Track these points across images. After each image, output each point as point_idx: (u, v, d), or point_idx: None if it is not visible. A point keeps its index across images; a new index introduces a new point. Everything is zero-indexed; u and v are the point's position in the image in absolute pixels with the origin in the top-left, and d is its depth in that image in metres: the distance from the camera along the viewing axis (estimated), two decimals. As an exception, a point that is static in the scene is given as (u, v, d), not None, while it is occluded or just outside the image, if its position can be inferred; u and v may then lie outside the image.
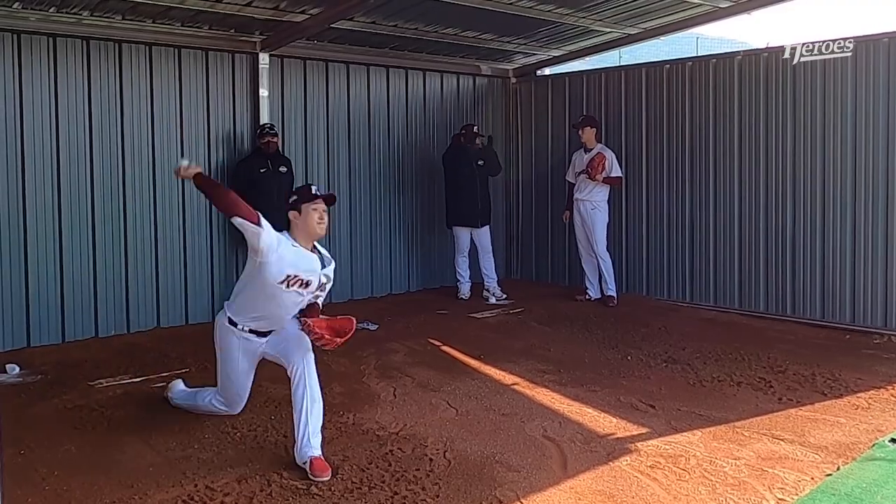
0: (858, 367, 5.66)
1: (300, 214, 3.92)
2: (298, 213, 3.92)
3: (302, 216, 3.92)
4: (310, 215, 3.91)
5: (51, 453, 4.17)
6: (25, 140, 6.35)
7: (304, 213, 3.91)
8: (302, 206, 3.91)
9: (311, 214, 3.91)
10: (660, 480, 3.78)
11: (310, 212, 3.91)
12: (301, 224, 3.93)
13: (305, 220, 3.91)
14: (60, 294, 6.55)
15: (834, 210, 6.93)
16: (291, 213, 3.94)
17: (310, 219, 3.91)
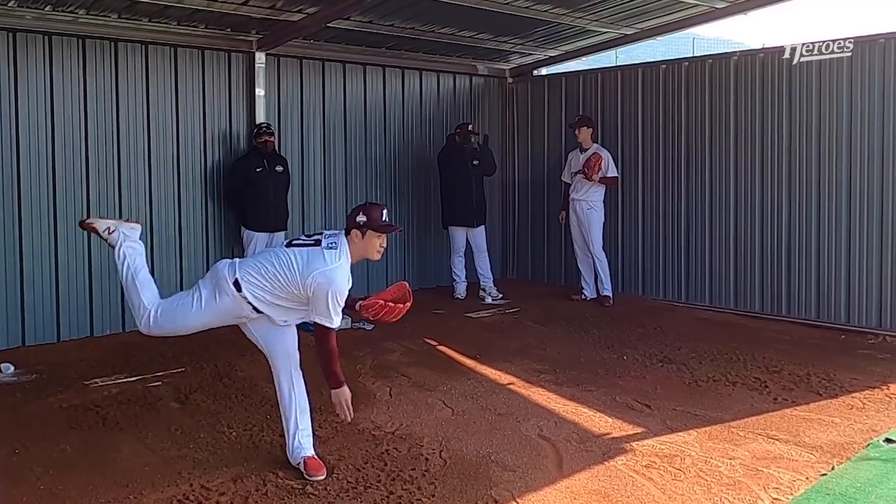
0: (853, 367, 5.68)
1: (362, 238, 3.74)
2: (361, 236, 3.74)
3: (365, 240, 3.74)
4: (372, 242, 3.75)
5: (46, 453, 4.16)
6: (21, 138, 6.33)
7: (367, 237, 3.74)
8: (368, 231, 3.73)
9: (373, 242, 3.75)
10: (655, 480, 3.79)
11: (373, 239, 3.75)
12: (359, 246, 3.75)
13: (366, 246, 3.75)
14: (56, 293, 6.54)
15: (829, 210, 6.95)
16: (354, 231, 3.74)
17: (371, 246, 3.75)
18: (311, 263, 3.64)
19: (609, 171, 8.07)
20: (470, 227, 8.38)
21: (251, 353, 6.13)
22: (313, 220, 8.00)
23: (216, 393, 5.20)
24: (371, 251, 3.76)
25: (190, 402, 5.04)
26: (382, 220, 3.76)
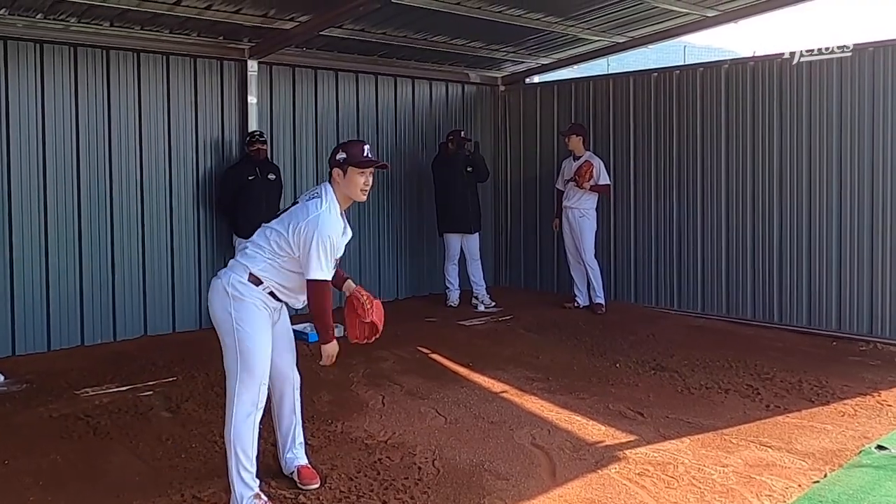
0: (845, 374, 5.70)
1: (344, 176, 3.54)
2: (343, 174, 3.53)
3: (346, 179, 3.53)
4: (354, 180, 3.53)
5: (36, 463, 4.13)
6: (11, 147, 6.30)
7: (349, 175, 3.53)
8: (349, 168, 3.53)
9: (355, 179, 3.53)
10: (648, 488, 3.79)
11: (355, 176, 3.53)
12: (343, 186, 3.55)
13: (349, 185, 3.54)
14: (46, 302, 6.50)
15: (820, 218, 6.98)
16: (335, 170, 3.55)
17: (353, 184, 3.54)
18: (295, 219, 3.50)
19: (601, 179, 8.09)
20: (466, 234, 8.38)
21: (243, 361, 6.13)
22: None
23: (208, 402, 5.17)
24: (354, 190, 3.56)
25: (181, 411, 5.01)
26: (363, 155, 3.55)
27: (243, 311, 3.49)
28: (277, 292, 3.59)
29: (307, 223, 3.44)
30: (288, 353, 3.82)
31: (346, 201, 3.62)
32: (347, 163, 3.53)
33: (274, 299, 3.59)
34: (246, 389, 3.50)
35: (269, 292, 3.56)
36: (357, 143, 3.64)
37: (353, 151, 3.56)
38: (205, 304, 7.32)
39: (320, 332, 3.58)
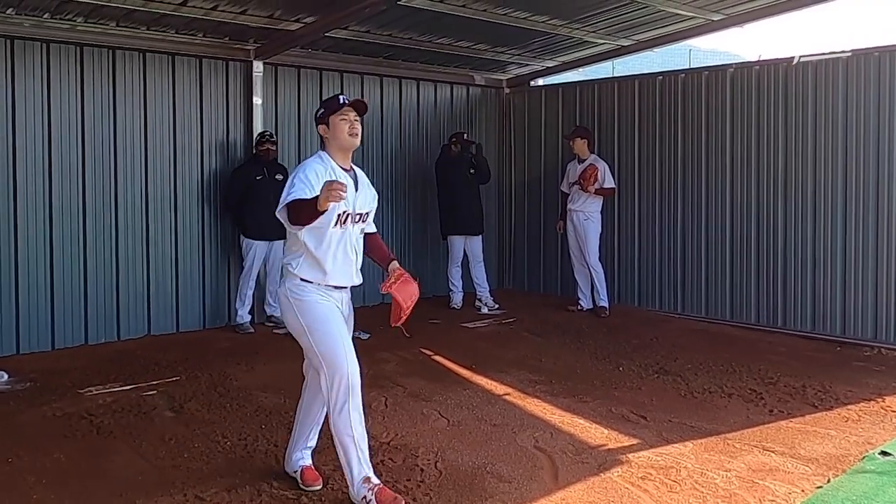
0: (849, 380, 5.68)
1: (329, 128, 3.59)
2: (327, 127, 3.59)
3: (331, 129, 3.58)
4: (338, 126, 3.56)
5: (39, 461, 4.14)
6: (18, 146, 6.33)
7: (332, 125, 3.57)
8: (329, 118, 3.58)
9: (339, 126, 3.56)
10: (651, 492, 3.78)
11: (338, 123, 3.56)
12: (332, 139, 3.60)
13: (336, 135, 3.57)
14: (50, 301, 6.52)
15: (825, 222, 6.97)
16: (320, 127, 3.62)
17: (339, 130, 3.56)
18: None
19: (606, 183, 8.08)
20: (470, 236, 8.38)
21: (246, 362, 6.16)
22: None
23: (211, 402, 5.18)
24: (342, 137, 3.57)
25: (184, 411, 5.02)
26: (339, 102, 3.59)
27: (308, 311, 3.54)
28: (325, 279, 3.55)
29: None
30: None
31: (341, 155, 3.63)
32: (327, 114, 3.59)
33: (333, 290, 3.60)
34: (334, 384, 3.54)
35: (324, 286, 3.56)
36: (333, 96, 3.70)
37: (329, 102, 3.64)
38: (208, 303, 7.44)
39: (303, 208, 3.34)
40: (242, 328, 7.25)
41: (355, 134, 3.58)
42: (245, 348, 6.64)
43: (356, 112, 3.60)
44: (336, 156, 3.62)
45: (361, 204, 3.63)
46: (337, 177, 3.47)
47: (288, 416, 4.86)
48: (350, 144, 3.60)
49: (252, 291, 7.35)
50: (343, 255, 3.58)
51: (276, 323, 7.43)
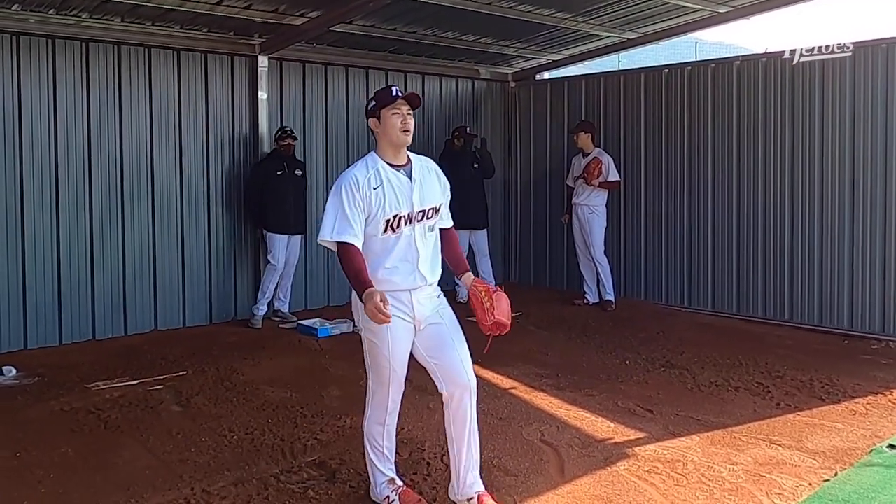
0: (856, 373, 5.66)
1: (380, 122, 3.34)
2: (378, 121, 3.34)
3: (382, 124, 3.33)
4: (390, 121, 3.30)
5: (47, 455, 4.16)
6: (24, 142, 6.34)
7: (383, 119, 3.31)
8: (381, 111, 3.33)
9: (391, 120, 3.30)
10: (657, 485, 3.78)
11: (390, 117, 3.30)
12: (382, 133, 3.35)
13: (387, 129, 3.32)
14: (58, 296, 6.54)
15: (832, 215, 6.93)
16: (371, 121, 3.38)
17: (391, 127, 3.30)
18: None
19: (610, 176, 8.06)
20: (474, 230, 8.37)
21: (253, 356, 6.17)
22: (314, 222, 8.00)
23: (218, 396, 5.20)
24: (393, 133, 3.31)
25: (191, 405, 5.03)
26: (392, 94, 3.34)
27: (367, 318, 3.26)
28: (390, 282, 3.29)
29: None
30: (450, 351, 3.40)
31: (392, 152, 3.37)
32: (378, 107, 3.35)
33: (398, 293, 3.31)
34: (374, 394, 3.52)
35: (390, 291, 3.23)
36: (385, 87, 3.45)
37: (381, 94, 3.39)
38: (215, 298, 7.45)
39: (348, 272, 3.20)
40: (253, 322, 7.26)
41: (407, 130, 3.33)
42: (252, 343, 6.66)
43: (409, 105, 3.36)
44: (386, 152, 3.37)
45: (420, 200, 3.36)
46: (382, 179, 3.28)
47: (294, 411, 4.89)
48: (401, 141, 3.34)
49: (274, 285, 7.36)
50: (401, 258, 3.33)
51: (282, 317, 7.46)
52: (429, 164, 3.52)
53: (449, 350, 3.40)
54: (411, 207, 3.32)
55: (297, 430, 4.54)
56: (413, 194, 3.34)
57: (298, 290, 7.88)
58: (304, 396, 5.19)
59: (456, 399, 3.37)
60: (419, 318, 3.39)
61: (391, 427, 3.56)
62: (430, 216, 3.43)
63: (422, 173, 3.43)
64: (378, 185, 3.27)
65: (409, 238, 3.34)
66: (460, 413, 3.38)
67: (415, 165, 3.43)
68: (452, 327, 3.48)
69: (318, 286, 8.18)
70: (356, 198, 3.23)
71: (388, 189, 3.29)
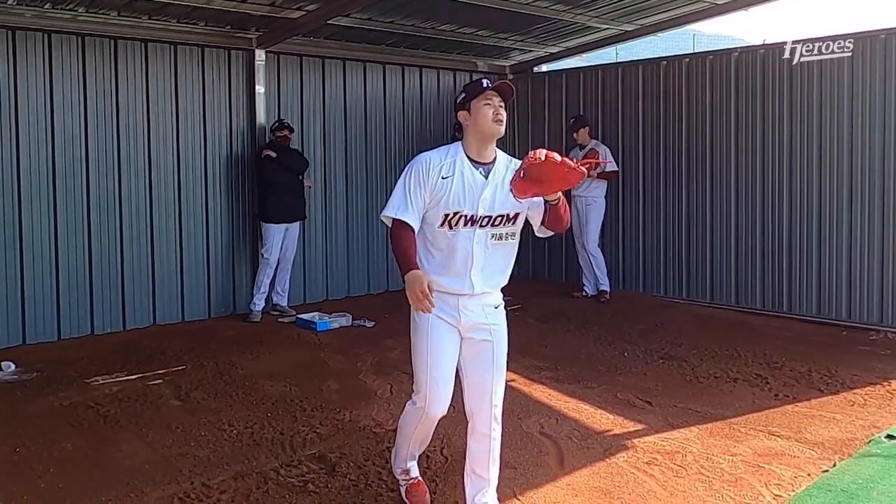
0: (854, 364, 5.67)
1: (470, 114, 3.17)
2: (468, 113, 3.18)
3: (473, 116, 3.16)
4: (481, 111, 3.13)
5: (47, 450, 4.16)
6: (21, 136, 6.32)
7: (474, 111, 3.16)
8: (471, 102, 3.17)
9: (482, 111, 3.13)
10: (656, 477, 3.79)
11: (481, 108, 3.14)
12: (472, 125, 3.17)
13: (478, 120, 3.14)
14: (56, 291, 6.53)
15: (830, 206, 6.94)
16: (461, 114, 3.21)
17: (481, 116, 3.13)
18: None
19: (608, 166, 8.06)
20: None
21: (251, 350, 6.18)
22: (313, 216, 8.00)
23: (217, 391, 5.20)
24: (486, 123, 3.13)
25: (191, 399, 5.03)
26: (483, 86, 3.19)
27: (414, 321, 3.26)
28: (436, 283, 3.10)
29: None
30: (484, 373, 3.26)
31: (482, 143, 3.18)
32: (468, 98, 3.19)
33: (445, 295, 3.16)
34: (413, 398, 3.40)
35: (436, 286, 3.08)
36: (477, 80, 3.35)
37: (471, 87, 3.24)
38: (213, 292, 7.45)
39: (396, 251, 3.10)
40: (252, 317, 7.25)
41: (499, 121, 3.14)
42: (250, 337, 6.65)
43: (501, 97, 3.18)
44: (472, 147, 3.19)
45: (490, 205, 3.12)
46: (456, 171, 3.12)
47: (294, 404, 4.89)
48: (494, 132, 3.15)
49: (269, 279, 7.36)
50: (453, 260, 3.15)
51: (281, 311, 7.46)
52: (513, 167, 3.18)
53: (484, 372, 3.25)
54: (475, 209, 3.11)
55: (296, 424, 4.55)
56: (482, 195, 3.11)
57: (297, 284, 7.88)
58: (304, 390, 5.19)
59: (476, 420, 3.28)
60: (465, 324, 3.22)
61: (421, 432, 3.44)
62: (500, 224, 3.16)
63: (502, 177, 3.15)
64: (449, 174, 3.13)
65: (468, 241, 3.14)
66: (478, 429, 3.29)
67: (498, 166, 3.19)
68: (498, 351, 3.28)
69: (317, 280, 8.19)
70: (422, 180, 3.11)
71: (458, 182, 3.12)
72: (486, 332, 3.24)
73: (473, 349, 3.26)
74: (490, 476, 3.33)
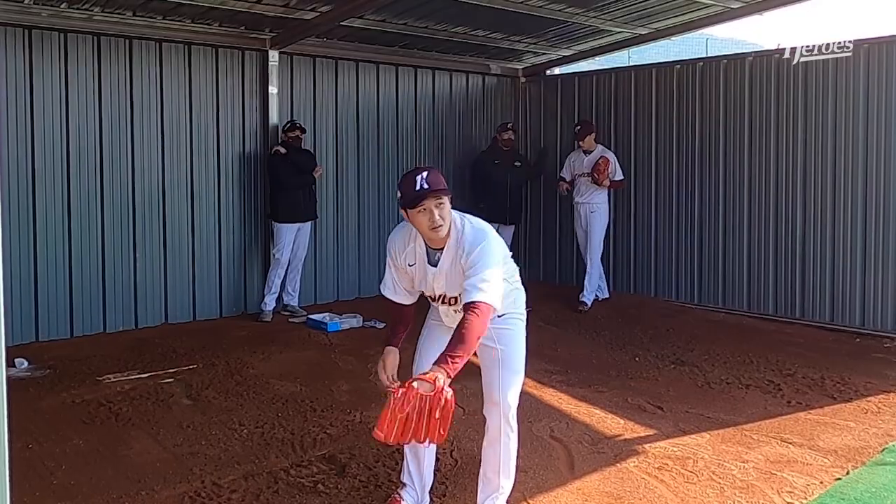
0: (868, 371, 5.63)
1: (408, 217, 3.04)
2: (406, 215, 3.05)
3: (411, 219, 3.04)
4: (417, 221, 3.00)
5: (59, 447, 4.18)
6: (36, 136, 6.36)
7: (411, 216, 3.02)
8: (408, 211, 3.01)
9: (417, 220, 3.00)
10: (667, 483, 3.77)
11: (416, 216, 2.99)
12: (415, 227, 3.08)
13: (417, 226, 3.05)
14: (69, 289, 6.57)
15: (844, 212, 6.89)
16: (402, 211, 3.07)
17: (420, 225, 3.02)
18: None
19: (616, 175, 8.00)
20: (502, 224, 8.54)
21: (262, 350, 6.19)
22: (324, 217, 8.01)
23: (228, 390, 5.21)
24: (423, 231, 3.03)
25: (202, 398, 5.05)
26: (415, 189, 2.94)
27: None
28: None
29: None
30: (492, 370, 3.28)
31: (428, 239, 3.11)
32: (404, 204, 3.02)
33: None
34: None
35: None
36: (410, 176, 3.02)
37: (405, 189, 2.99)
38: (225, 292, 7.47)
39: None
40: (263, 317, 7.27)
41: (437, 227, 2.97)
42: (261, 337, 6.67)
43: (437, 194, 2.96)
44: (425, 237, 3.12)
45: (443, 288, 3.16)
46: (420, 258, 3.15)
47: (304, 405, 4.90)
48: (432, 238, 3.03)
49: (280, 279, 7.39)
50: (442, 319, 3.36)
51: (292, 312, 7.47)
52: (465, 247, 3.02)
53: (490, 375, 3.29)
54: (433, 292, 3.24)
55: (306, 424, 4.56)
56: (434, 283, 3.18)
57: (308, 284, 7.90)
58: (314, 391, 5.20)
59: (488, 423, 3.32)
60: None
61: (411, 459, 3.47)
62: (454, 303, 3.19)
63: (450, 261, 3.08)
64: (413, 262, 3.20)
65: (443, 310, 3.32)
66: (490, 432, 3.31)
67: (447, 253, 3.08)
68: (505, 355, 3.27)
69: (328, 281, 8.20)
70: (397, 266, 3.25)
71: (420, 270, 3.19)
72: (490, 339, 3.22)
73: (482, 354, 3.29)
74: (501, 481, 3.33)
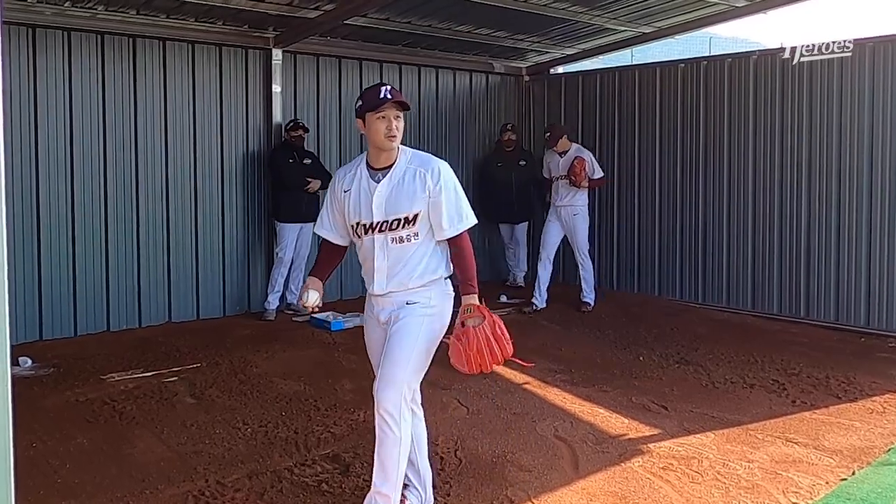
0: (873, 371, 5.61)
1: (365, 125, 3.15)
2: (363, 123, 3.16)
3: (367, 128, 3.14)
4: (375, 127, 3.11)
5: (63, 446, 4.18)
6: (39, 134, 6.37)
7: (368, 123, 3.13)
8: (366, 115, 3.12)
9: (375, 126, 3.10)
10: (672, 482, 3.76)
11: (374, 122, 3.10)
12: (369, 136, 3.16)
13: (371, 134, 3.13)
14: (73, 288, 6.57)
15: (849, 211, 6.86)
16: (357, 121, 3.19)
17: (375, 132, 3.11)
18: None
19: (595, 174, 7.85)
20: (514, 224, 8.94)
21: (266, 349, 6.19)
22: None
23: (231, 389, 5.21)
24: (378, 138, 3.11)
25: (205, 397, 5.05)
26: (380, 96, 3.09)
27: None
28: (370, 290, 3.29)
29: None
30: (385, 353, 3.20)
31: (377, 155, 3.19)
32: (364, 109, 3.13)
33: (373, 297, 3.30)
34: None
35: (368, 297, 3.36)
36: (374, 87, 3.18)
37: (368, 96, 3.15)
38: (228, 290, 7.47)
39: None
40: (266, 315, 7.27)
41: (392, 137, 3.11)
42: (265, 335, 6.67)
43: (399, 108, 3.13)
44: (371, 154, 3.22)
45: (384, 210, 3.15)
46: (359, 181, 3.19)
47: (308, 403, 4.90)
48: (385, 147, 3.14)
49: (283, 278, 7.39)
50: (371, 262, 3.21)
51: (295, 310, 7.47)
52: (422, 168, 3.17)
53: (382, 358, 3.21)
54: (371, 217, 3.16)
55: (310, 423, 4.55)
56: (373, 204, 3.15)
57: (311, 283, 7.88)
58: (318, 389, 5.20)
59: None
60: (382, 321, 3.27)
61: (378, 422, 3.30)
62: (398, 227, 3.15)
63: (400, 179, 3.16)
64: (349, 188, 3.22)
65: (371, 246, 3.20)
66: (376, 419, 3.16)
67: (396, 170, 3.17)
68: (393, 337, 3.18)
69: (331, 280, 8.14)
70: (334, 197, 3.30)
71: (355, 195, 3.20)
72: (393, 324, 3.21)
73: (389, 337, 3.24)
74: (376, 481, 3.15)
